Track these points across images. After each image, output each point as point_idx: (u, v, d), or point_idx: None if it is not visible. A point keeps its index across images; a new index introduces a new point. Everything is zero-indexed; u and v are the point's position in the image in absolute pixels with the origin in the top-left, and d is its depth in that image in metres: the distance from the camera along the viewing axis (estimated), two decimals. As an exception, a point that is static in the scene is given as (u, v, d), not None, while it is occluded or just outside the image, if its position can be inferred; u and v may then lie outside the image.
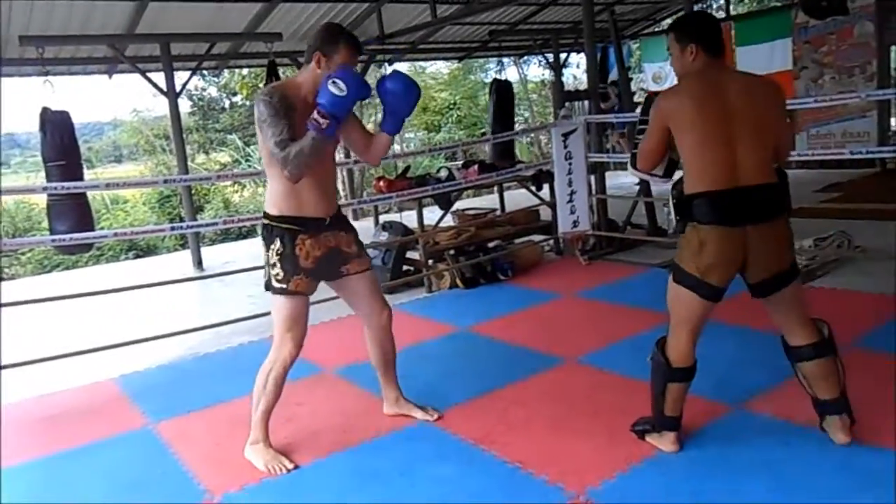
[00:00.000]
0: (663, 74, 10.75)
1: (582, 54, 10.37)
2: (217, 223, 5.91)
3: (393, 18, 7.86)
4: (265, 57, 7.25)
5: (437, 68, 16.30)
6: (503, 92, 8.85)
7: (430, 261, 5.46)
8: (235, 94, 15.20)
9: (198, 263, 7.26)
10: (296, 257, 2.62)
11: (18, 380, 3.78)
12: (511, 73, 14.50)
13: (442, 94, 15.95)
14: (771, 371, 2.87)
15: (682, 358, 2.42)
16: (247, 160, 13.92)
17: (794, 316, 2.41)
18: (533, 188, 6.26)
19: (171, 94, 7.12)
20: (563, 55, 10.87)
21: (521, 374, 3.38)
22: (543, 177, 6.11)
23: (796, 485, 2.24)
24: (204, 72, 11.35)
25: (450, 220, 6.16)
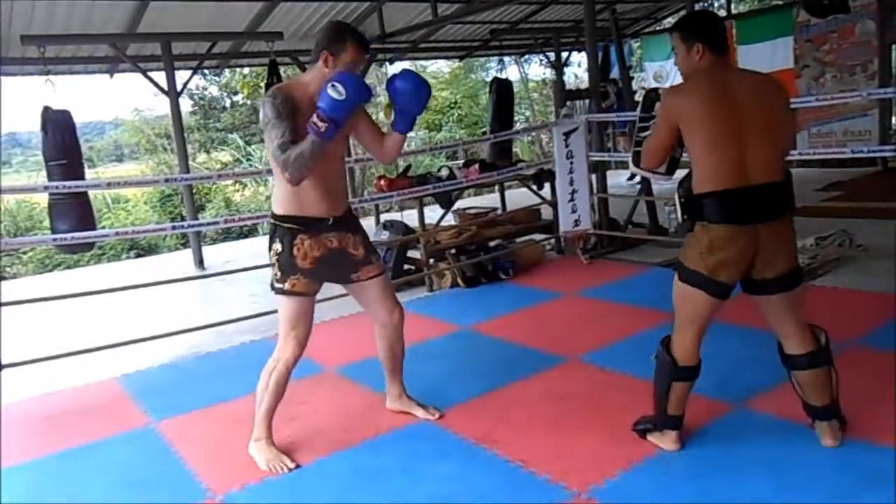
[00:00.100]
0: (664, 73, 10.75)
1: (583, 53, 10.40)
2: (218, 222, 5.92)
3: (394, 17, 7.86)
4: (266, 56, 7.24)
5: (438, 67, 16.31)
6: (503, 91, 8.83)
7: (432, 260, 5.46)
8: (236, 94, 15.21)
9: (199, 262, 7.26)
10: (293, 257, 2.62)
11: (21, 379, 3.79)
12: (512, 72, 14.51)
13: (443, 93, 15.94)
14: (772, 370, 2.86)
15: (688, 356, 2.42)
16: (248, 159, 13.92)
17: (792, 321, 2.40)
18: (534, 187, 6.25)
19: (173, 94, 7.13)
20: (565, 54, 10.85)
21: (523, 373, 3.38)
22: (545, 176, 6.10)
23: (797, 483, 2.24)
24: (205, 71, 11.36)
25: (451, 220, 6.16)
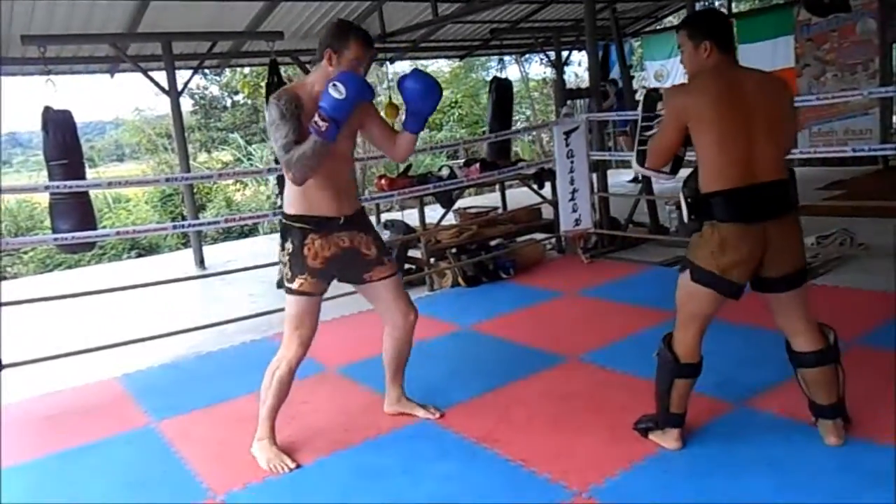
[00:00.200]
0: (665, 72, 10.75)
1: (583, 52, 10.37)
2: (219, 222, 5.94)
3: (394, 17, 7.85)
4: (267, 56, 7.24)
5: (439, 67, 16.28)
6: (502, 90, 8.82)
7: (432, 259, 5.45)
8: (237, 93, 15.20)
9: (200, 262, 7.26)
10: (303, 257, 2.62)
11: (22, 379, 3.79)
12: (512, 72, 14.50)
13: (443, 93, 15.92)
14: (774, 368, 2.87)
15: (690, 354, 2.41)
16: (248, 159, 13.92)
17: (801, 319, 2.39)
18: (535, 186, 6.25)
19: (173, 93, 7.13)
20: (565, 53, 10.84)
21: (523, 373, 3.38)
22: (545, 175, 6.10)
23: (799, 482, 2.24)
24: (205, 70, 11.37)
25: (451, 219, 6.16)
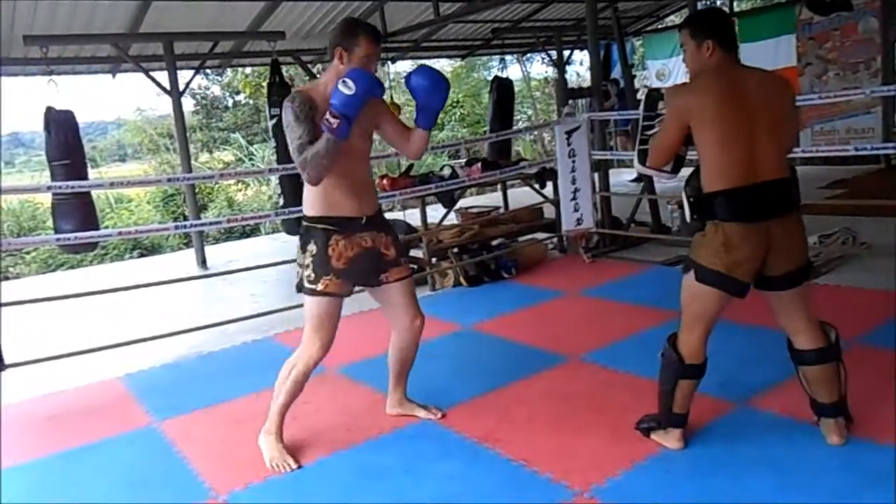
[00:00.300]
0: (667, 71, 10.73)
1: (585, 52, 10.37)
2: (221, 222, 5.94)
3: (396, 17, 7.85)
4: (268, 56, 7.23)
5: (441, 66, 16.27)
6: (503, 90, 8.82)
7: (434, 259, 5.45)
8: (239, 93, 15.20)
9: (201, 262, 7.26)
10: (328, 257, 2.61)
11: (24, 379, 3.79)
12: (514, 71, 14.50)
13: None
14: (775, 368, 2.86)
15: (695, 354, 2.41)
16: (250, 159, 13.93)
17: (802, 317, 2.39)
18: (536, 186, 6.25)
19: (175, 93, 7.13)
20: (567, 52, 10.83)
21: (525, 373, 3.38)
22: (547, 174, 6.10)
23: (800, 482, 2.24)
24: (207, 71, 11.36)
25: (453, 219, 6.16)
